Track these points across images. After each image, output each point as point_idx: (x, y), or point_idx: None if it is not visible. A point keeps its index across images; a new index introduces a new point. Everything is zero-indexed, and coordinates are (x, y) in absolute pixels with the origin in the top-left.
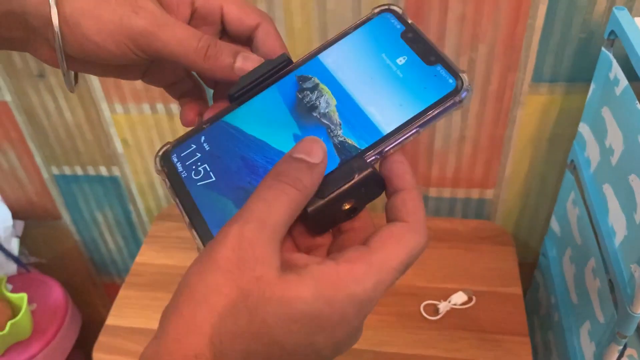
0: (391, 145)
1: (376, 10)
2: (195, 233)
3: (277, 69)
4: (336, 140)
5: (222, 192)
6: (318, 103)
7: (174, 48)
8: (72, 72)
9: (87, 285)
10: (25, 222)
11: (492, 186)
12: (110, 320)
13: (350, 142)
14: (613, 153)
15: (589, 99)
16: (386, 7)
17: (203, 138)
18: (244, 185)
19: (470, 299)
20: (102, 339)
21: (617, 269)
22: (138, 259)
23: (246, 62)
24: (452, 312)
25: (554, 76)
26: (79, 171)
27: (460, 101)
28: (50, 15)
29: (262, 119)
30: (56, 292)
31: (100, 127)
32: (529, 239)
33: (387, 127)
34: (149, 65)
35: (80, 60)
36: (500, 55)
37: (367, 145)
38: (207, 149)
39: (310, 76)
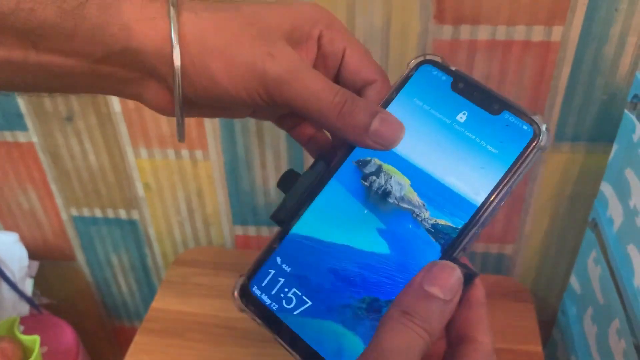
0: (487, 216)
1: (412, 64)
2: None
3: (321, 174)
4: (427, 225)
5: (325, 316)
6: (390, 187)
7: (308, 100)
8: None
9: (96, 328)
10: (40, 263)
11: (511, 241)
12: None
13: (443, 222)
14: (638, 214)
15: (611, 160)
16: (423, 57)
17: (279, 259)
18: (346, 302)
19: None
20: None
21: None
22: (154, 304)
23: (384, 126)
24: None
25: (575, 135)
26: (98, 213)
27: (543, 147)
28: (173, 56)
29: (335, 220)
30: (67, 335)
31: (124, 170)
32: (548, 296)
33: (477, 197)
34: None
35: (198, 104)
36: None
37: (464, 222)
38: (289, 270)
39: (369, 158)
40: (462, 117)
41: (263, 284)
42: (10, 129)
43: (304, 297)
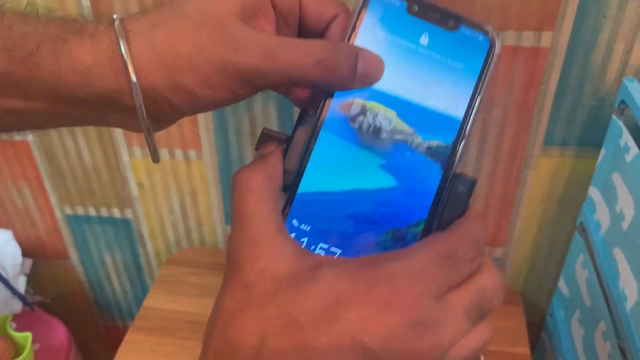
0: (470, 126)
1: None
2: None
3: (308, 129)
4: (422, 149)
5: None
6: (379, 123)
7: (290, 74)
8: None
9: (89, 327)
10: (33, 261)
11: (501, 244)
12: None
13: (436, 143)
14: (624, 218)
15: (599, 164)
16: None
17: (295, 222)
18: (372, 240)
19: (478, 358)
20: None
21: (629, 334)
22: (146, 302)
23: (367, 64)
24: None
25: (565, 140)
26: (92, 212)
27: (498, 54)
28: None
29: (338, 169)
30: (60, 333)
31: (118, 170)
32: (537, 299)
33: (458, 112)
34: None
35: (183, 115)
36: (513, 118)
37: (454, 138)
38: (309, 229)
39: (351, 100)
40: (424, 39)
41: None
42: None
43: (331, 249)
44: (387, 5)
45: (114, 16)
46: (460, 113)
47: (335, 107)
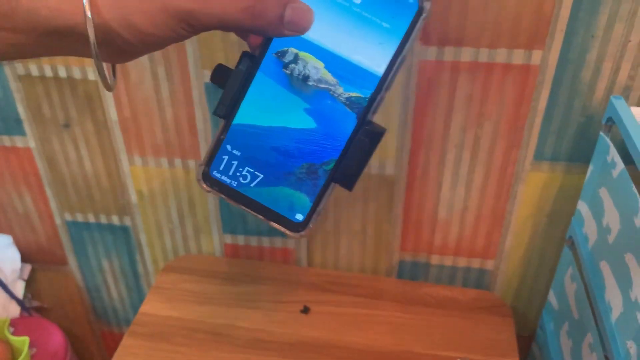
0: (389, 80)
1: None
2: (275, 224)
3: (247, 68)
4: (342, 99)
5: (276, 183)
6: (308, 71)
7: (223, 18)
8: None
9: (85, 332)
10: (32, 266)
11: (492, 257)
12: None
13: (355, 94)
14: (610, 232)
15: (587, 179)
16: None
17: (229, 147)
18: (290, 170)
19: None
20: None
21: (614, 345)
22: (142, 308)
23: (296, 12)
24: None
25: (554, 155)
26: (91, 219)
27: (428, 15)
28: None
29: (268, 107)
30: (57, 338)
31: (118, 177)
32: (527, 312)
33: (379, 69)
34: None
35: (135, 51)
36: (504, 133)
37: (371, 92)
38: (239, 154)
39: (286, 49)
40: None
41: (221, 168)
42: (8, 133)
43: (256, 172)
44: None
45: None
46: (381, 70)
47: (272, 53)
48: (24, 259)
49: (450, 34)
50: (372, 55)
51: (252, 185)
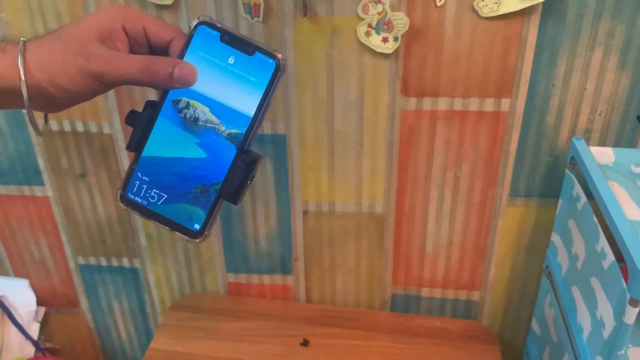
0: (259, 119)
1: (192, 25)
2: (178, 234)
3: (150, 113)
4: (225, 134)
5: (177, 201)
6: (197, 115)
7: (125, 76)
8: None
9: None
10: (46, 309)
11: (478, 289)
12: None
13: (234, 131)
14: (578, 259)
15: (558, 213)
16: (197, 20)
17: (139, 174)
18: (187, 190)
19: None
20: None
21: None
22: (152, 345)
23: (182, 71)
24: None
25: (528, 192)
26: (103, 262)
27: (283, 72)
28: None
29: (169, 143)
30: None
31: (129, 222)
32: (514, 340)
33: (250, 111)
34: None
35: (63, 104)
36: (481, 173)
37: (246, 129)
38: (147, 179)
39: (179, 98)
40: (231, 60)
41: (134, 191)
42: (28, 183)
43: (161, 193)
44: (208, 35)
45: (21, 39)
46: (252, 112)
47: (169, 101)
48: (39, 302)
49: (427, 86)
50: (245, 101)
51: (158, 203)
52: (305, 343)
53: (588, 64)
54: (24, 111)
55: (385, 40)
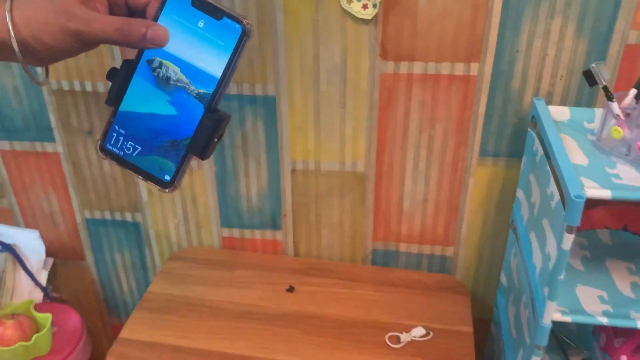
0: (226, 81)
1: None
2: (150, 182)
3: (126, 70)
4: (194, 94)
5: (150, 153)
6: (169, 74)
7: (102, 36)
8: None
9: (97, 324)
10: (54, 261)
11: (451, 244)
12: (124, 334)
13: (203, 91)
14: (535, 207)
15: (522, 169)
16: None
17: (117, 127)
18: (159, 143)
19: (428, 333)
20: (116, 347)
21: (536, 295)
22: (150, 288)
23: (155, 32)
24: (412, 343)
25: (496, 152)
26: (107, 216)
27: (248, 37)
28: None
29: (143, 99)
30: (74, 320)
31: (132, 177)
32: (486, 295)
33: (218, 73)
34: None
35: (48, 58)
36: (453, 134)
37: (213, 89)
38: (124, 132)
39: (153, 58)
40: (201, 24)
41: (112, 142)
42: (41, 140)
43: (136, 145)
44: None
45: None
46: (219, 74)
47: (144, 60)
48: (47, 254)
49: (403, 51)
50: (213, 63)
51: (134, 154)
52: (291, 289)
53: (549, 30)
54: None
55: (365, 6)
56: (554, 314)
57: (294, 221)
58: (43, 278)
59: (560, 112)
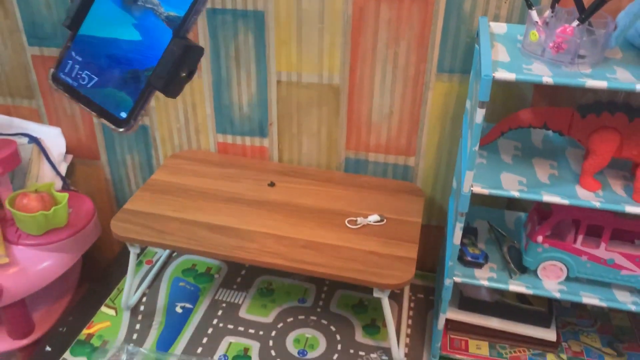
0: (197, 5)
1: None
2: (104, 120)
3: None
4: (163, 17)
5: (108, 85)
6: None
7: None
8: None
9: (107, 217)
10: (73, 158)
11: (413, 154)
12: (127, 206)
13: (173, 14)
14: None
15: (470, 82)
16: None
17: (73, 53)
18: (118, 75)
19: (382, 220)
20: (119, 214)
21: (463, 173)
22: (152, 177)
23: None
24: (367, 226)
25: (452, 68)
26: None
27: None
28: None
29: (105, 22)
30: (87, 205)
31: None
32: (443, 203)
33: None
34: None
35: None
36: (415, 50)
37: (185, 12)
38: (80, 59)
39: None
40: None
41: (66, 71)
42: None
43: (92, 75)
44: None
45: None
46: None
47: None
48: (67, 152)
49: None
50: None
51: (88, 86)
52: (272, 184)
53: None
54: None
55: None
56: (474, 186)
57: (279, 130)
58: (63, 169)
59: (499, 27)
